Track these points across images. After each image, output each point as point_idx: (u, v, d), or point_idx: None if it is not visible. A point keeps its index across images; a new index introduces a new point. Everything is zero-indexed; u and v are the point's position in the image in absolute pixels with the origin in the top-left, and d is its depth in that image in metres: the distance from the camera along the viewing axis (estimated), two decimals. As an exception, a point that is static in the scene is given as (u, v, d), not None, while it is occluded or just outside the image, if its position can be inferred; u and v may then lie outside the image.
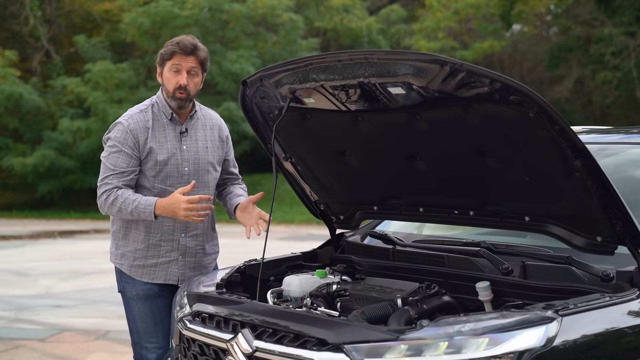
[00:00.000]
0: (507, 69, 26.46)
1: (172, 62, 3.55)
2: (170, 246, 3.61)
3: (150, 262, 3.61)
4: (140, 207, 3.46)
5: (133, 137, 3.53)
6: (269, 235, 3.32)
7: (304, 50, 23.09)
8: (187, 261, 3.65)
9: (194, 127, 3.67)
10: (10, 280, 10.21)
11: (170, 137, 3.60)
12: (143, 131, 3.55)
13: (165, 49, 3.58)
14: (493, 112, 2.57)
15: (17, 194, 24.19)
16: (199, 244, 3.67)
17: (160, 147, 3.56)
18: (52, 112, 22.53)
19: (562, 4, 23.35)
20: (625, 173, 3.24)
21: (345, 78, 2.80)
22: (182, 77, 3.54)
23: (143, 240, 3.60)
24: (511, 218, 2.87)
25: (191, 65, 3.55)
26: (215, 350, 2.78)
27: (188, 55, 3.54)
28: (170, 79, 3.56)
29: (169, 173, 3.57)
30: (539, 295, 2.66)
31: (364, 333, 2.39)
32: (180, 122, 3.63)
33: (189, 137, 3.64)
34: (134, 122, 3.55)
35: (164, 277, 3.63)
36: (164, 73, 3.58)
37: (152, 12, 21.74)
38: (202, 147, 3.66)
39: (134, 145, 3.53)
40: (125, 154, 3.53)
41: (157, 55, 3.64)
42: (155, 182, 3.56)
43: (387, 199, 3.30)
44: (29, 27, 24.02)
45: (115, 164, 3.53)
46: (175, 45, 3.54)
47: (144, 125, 3.56)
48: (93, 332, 6.94)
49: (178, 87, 3.54)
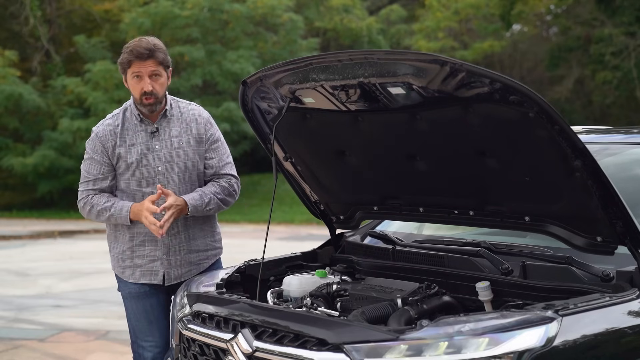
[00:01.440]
0: (507, 69, 26.46)
1: (131, 70, 3.51)
2: (153, 245, 3.63)
3: (135, 262, 3.65)
4: (116, 214, 3.55)
5: (101, 145, 3.61)
6: (269, 235, 3.32)
7: (304, 50, 23.09)
8: (172, 259, 3.65)
9: (167, 124, 3.64)
10: (10, 280, 10.21)
11: (140, 139, 3.60)
12: (111, 137, 3.60)
13: (122, 57, 3.53)
14: (493, 112, 2.57)
15: (17, 194, 24.18)
16: (182, 241, 3.66)
17: (130, 150, 3.58)
18: (52, 112, 22.52)
19: (562, 4, 23.34)
20: (625, 173, 3.24)
21: (345, 78, 2.80)
22: (145, 82, 3.51)
23: (128, 241, 3.65)
24: (511, 218, 2.87)
25: (151, 70, 3.50)
26: (215, 350, 2.78)
27: (145, 60, 3.48)
28: (135, 86, 3.53)
29: (142, 174, 3.59)
30: (539, 295, 2.66)
31: (364, 333, 2.39)
32: (151, 122, 3.62)
33: (162, 135, 3.62)
34: (102, 130, 3.63)
35: (149, 277, 3.65)
36: (128, 81, 3.56)
37: (152, 12, 21.74)
38: (176, 144, 3.63)
39: (102, 152, 3.61)
40: (95, 161, 3.63)
41: (118, 64, 3.59)
42: (130, 184, 3.61)
43: (387, 199, 3.30)
44: (29, 27, 24.01)
45: (88, 171, 3.65)
46: (130, 53, 3.49)
47: (112, 131, 3.61)
48: (93, 332, 6.94)
49: (143, 93, 3.52)
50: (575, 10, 24.27)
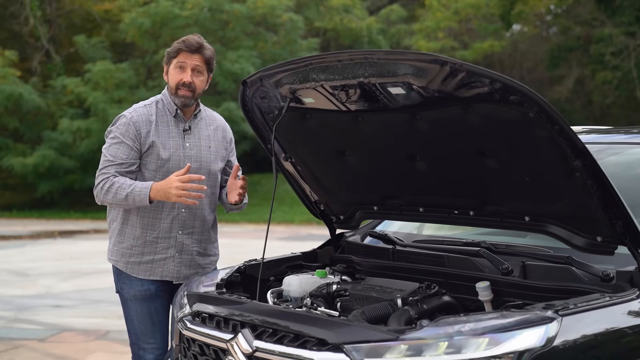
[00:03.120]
0: (507, 69, 26.46)
1: (177, 60, 3.59)
2: (167, 243, 3.61)
3: (146, 258, 3.61)
4: (135, 191, 3.45)
5: (135, 129, 3.55)
6: (269, 235, 3.32)
7: (304, 50, 23.10)
8: (184, 258, 3.65)
9: (197, 125, 3.69)
10: (10, 280, 10.21)
11: (173, 134, 3.61)
12: (146, 124, 3.57)
13: (171, 47, 3.63)
14: (493, 112, 2.57)
15: (17, 194, 24.20)
16: (195, 242, 3.67)
17: (164, 142, 3.58)
18: (52, 112, 22.55)
19: (562, 4, 23.35)
20: (625, 173, 3.24)
21: (345, 78, 2.80)
22: (187, 74, 3.58)
23: (139, 237, 3.61)
24: (511, 218, 2.87)
25: (196, 64, 3.59)
26: (215, 350, 2.77)
27: (193, 53, 3.57)
28: (175, 75, 3.60)
29: (170, 169, 3.57)
30: (539, 295, 2.66)
31: (364, 333, 2.39)
32: (184, 120, 3.65)
33: (193, 135, 3.65)
34: (137, 115, 3.59)
35: (161, 274, 3.63)
36: (170, 70, 3.63)
37: (152, 12, 21.76)
38: (205, 146, 3.68)
39: (135, 137, 3.55)
40: (125, 145, 3.55)
41: (164, 54, 3.67)
42: (156, 178, 3.56)
43: (387, 199, 3.30)
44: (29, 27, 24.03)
45: (115, 155, 3.55)
46: (181, 43, 3.59)
47: (147, 119, 3.59)
48: (93, 332, 6.94)
49: (182, 83, 3.57)
50: (575, 10, 24.28)
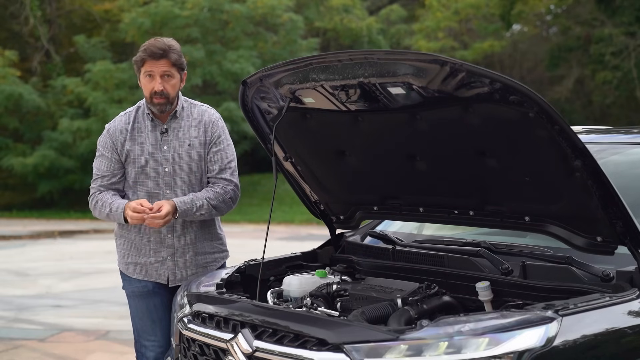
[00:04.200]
0: (507, 69, 26.45)
1: (144, 69, 3.54)
2: (158, 247, 3.65)
3: (141, 260, 3.68)
4: (113, 211, 3.56)
5: (112, 141, 3.62)
6: (269, 235, 3.32)
7: (304, 50, 23.08)
8: (177, 261, 3.66)
9: (177, 125, 3.64)
10: (10, 280, 10.21)
11: (149, 139, 3.61)
12: (121, 134, 3.62)
13: (136, 55, 3.57)
14: (493, 112, 2.57)
15: (17, 194, 24.18)
16: (188, 243, 3.67)
17: (139, 149, 3.60)
18: (52, 112, 22.53)
19: (562, 4, 23.34)
20: (625, 173, 3.24)
21: (345, 78, 2.80)
22: (156, 82, 3.53)
23: (134, 240, 3.68)
24: (511, 218, 2.87)
25: (163, 70, 3.52)
26: (215, 350, 2.78)
27: (158, 60, 3.50)
28: (146, 85, 3.56)
29: (149, 174, 3.60)
30: (539, 295, 2.66)
31: (364, 333, 2.39)
32: (161, 122, 3.64)
33: (170, 136, 3.63)
34: (114, 126, 3.66)
35: (155, 276, 3.67)
36: (140, 79, 3.60)
37: (152, 12, 21.73)
38: (184, 146, 3.63)
39: (112, 148, 3.62)
40: (105, 157, 3.64)
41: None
42: (137, 184, 3.62)
43: (387, 199, 3.30)
44: (29, 27, 24.01)
45: (99, 168, 3.66)
46: (144, 52, 3.52)
47: (123, 128, 3.62)
48: (93, 332, 6.94)
49: (154, 92, 3.54)
50: (575, 10, 24.27)
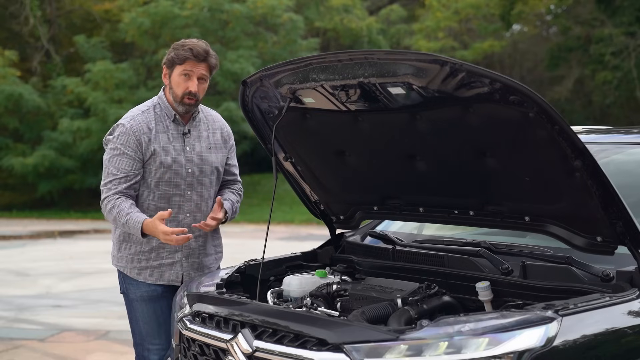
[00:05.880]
0: (507, 69, 26.47)
1: (183, 67, 3.48)
2: (174, 248, 3.59)
3: (153, 263, 3.60)
4: (130, 224, 3.41)
5: (135, 139, 3.47)
6: (269, 235, 3.32)
7: (304, 50, 23.08)
8: (190, 262, 3.65)
9: (196, 127, 3.64)
10: (10, 280, 10.21)
11: (174, 139, 3.56)
12: (146, 132, 3.50)
13: (176, 52, 3.49)
14: (493, 112, 2.57)
15: (17, 194, 24.18)
16: (202, 244, 3.68)
17: (165, 149, 3.53)
18: (52, 112, 22.53)
19: (562, 4, 23.34)
20: (625, 173, 3.24)
21: (345, 78, 2.80)
22: (193, 83, 3.49)
23: (146, 243, 3.57)
24: (511, 218, 2.87)
25: (202, 72, 3.51)
26: (215, 350, 2.77)
27: (200, 62, 3.48)
28: (180, 83, 3.49)
29: (172, 175, 3.54)
30: (539, 295, 2.66)
31: (364, 333, 2.39)
32: (183, 123, 3.60)
33: (192, 138, 3.61)
34: (136, 124, 3.50)
35: (167, 279, 3.62)
36: (173, 77, 3.52)
37: (152, 12, 21.74)
38: (205, 148, 3.63)
39: (137, 147, 3.48)
40: (127, 156, 3.47)
41: (166, 57, 3.55)
42: (159, 184, 3.54)
43: (387, 199, 3.30)
44: (29, 27, 24.01)
45: (118, 167, 3.48)
46: (189, 51, 3.46)
47: (147, 127, 3.51)
48: (93, 332, 6.94)
49: (188, 92, 3.49)
50: (575, 10, 24.28)
